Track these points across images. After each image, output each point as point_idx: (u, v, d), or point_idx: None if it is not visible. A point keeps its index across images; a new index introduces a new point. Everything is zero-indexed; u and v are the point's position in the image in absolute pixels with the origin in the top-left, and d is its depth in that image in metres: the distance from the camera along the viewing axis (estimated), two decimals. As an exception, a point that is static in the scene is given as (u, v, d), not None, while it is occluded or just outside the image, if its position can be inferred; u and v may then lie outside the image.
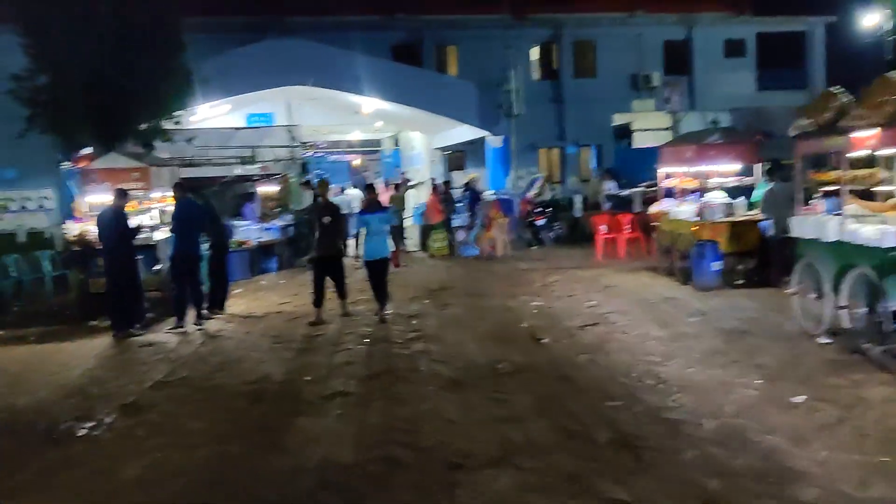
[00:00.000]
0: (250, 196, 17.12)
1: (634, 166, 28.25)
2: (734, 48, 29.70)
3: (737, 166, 12.37)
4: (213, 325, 10.78)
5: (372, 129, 29.25)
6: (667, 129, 30.17)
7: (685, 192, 13.42)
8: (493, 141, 21.83)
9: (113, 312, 10.23)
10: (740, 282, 11.55)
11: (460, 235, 17.85)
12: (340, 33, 24.52)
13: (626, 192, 23.06)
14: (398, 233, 18.97)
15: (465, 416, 6.36)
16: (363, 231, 10.71)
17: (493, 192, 20.62)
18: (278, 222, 17.05)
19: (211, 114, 23.31)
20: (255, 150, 18.33)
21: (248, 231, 15.89)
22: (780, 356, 7.54)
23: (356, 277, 12.31)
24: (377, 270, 10.78)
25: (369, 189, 11.79)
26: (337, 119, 26.95)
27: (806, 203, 8.94)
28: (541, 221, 18.82)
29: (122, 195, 10.42)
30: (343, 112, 26.41)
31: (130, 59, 16.05)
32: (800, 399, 6.22)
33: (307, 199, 18.27)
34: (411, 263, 17.02)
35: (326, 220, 10.71)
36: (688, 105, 24.08)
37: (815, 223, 8.21)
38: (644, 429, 5.81)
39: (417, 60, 26.29)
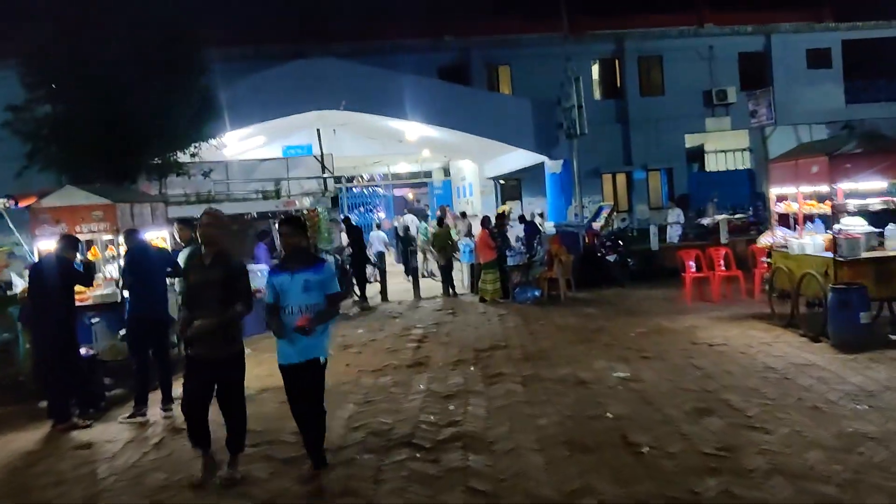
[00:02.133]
0: (264, 235, 14.46)
1: (709, 192, 25.02)
2: (818, 58, 26.22)
3: (882, 183, 9.08)
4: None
5: (418, 159, 26.60)
6: (745, 149, 26.86)
7: (805, 220, 10.15)
8: (553, 166, 18.84)
9: (50, 394, 7.53)
10: (899, 338, 8.27)
11: (516, 277, 14.81)
12: (385, 57, 22.03)
13: (707, 221, 19.76)
14: (446, 274, 16.10)
15: None
16: (278, 305, 5.66)
17: (553, 224, 17.58)
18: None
19: (243, 147, 21.02)
20: (280, 182, 15.74)
21: (262, 276, 13.17)
22: None
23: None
24: (301, 384, 5.69)
25: (288, 224, 5.95)
26: (380, 149, 24.39)
27: None
28: (612, 257, 15.63)
29: (70, 244, 7.76)
30: (386, 140, 23.85)
31: (141, 84, 13.97)
32: None
33: (339, 237, 15.57)
34: (459, 310, 14.05)
35: (212, 277, 5.56)
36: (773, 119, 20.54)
37: None
38: None
39: (466, 82, 23.57)
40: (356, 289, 15.30)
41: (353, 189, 32.67)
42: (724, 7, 26.88)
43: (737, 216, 19.60)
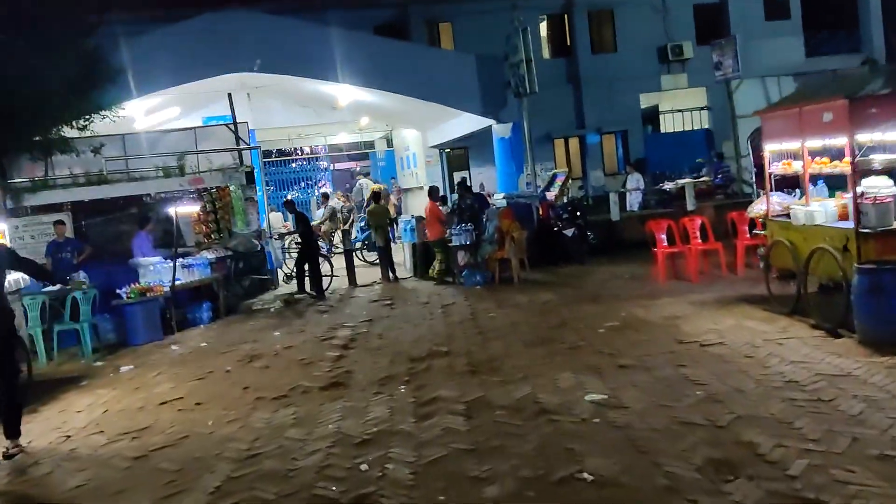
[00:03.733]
0: (145, 222, 11.84)
1: (667, 155, 23.11)
2: (775, 9, 24.27)
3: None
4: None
5: (358, 128, 24.10)
6: (703, 108, 24.96)
7: (806, 181, 8.12)
8: (501, 130, 16.61)
9: None
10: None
11: (461, 257, 12.64)
12: (314, 14, 19.38)
13: (669, 186, 17.80)
14: (385, 255, 13.87)
15: None
16: None
17: (503, 195, 15.40)
18: (209, 254, 11.89)
19: (155, 121, 18.31)
20: (185, 157, 13.20)
21: (155, 271, 10.75)
22: None
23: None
24: None
25: None
26: (314, 117, 21.81)
27: None
28: (569, 231, 13.54)
29: None
30: (320, 108, 21.29)
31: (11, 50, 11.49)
32: None
33: (255, 220, 13.17)
34: (398, 300, 11.84)
35: None
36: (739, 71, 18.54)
37: None
38: None
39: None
40: (306, 284, 12.81)
41: (292, 164, 30.10)
42: (678, -44, 24.75)
43: (701, 179, 17.70)
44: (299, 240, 13.15)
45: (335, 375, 7.46)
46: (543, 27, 23.37)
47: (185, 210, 11.70)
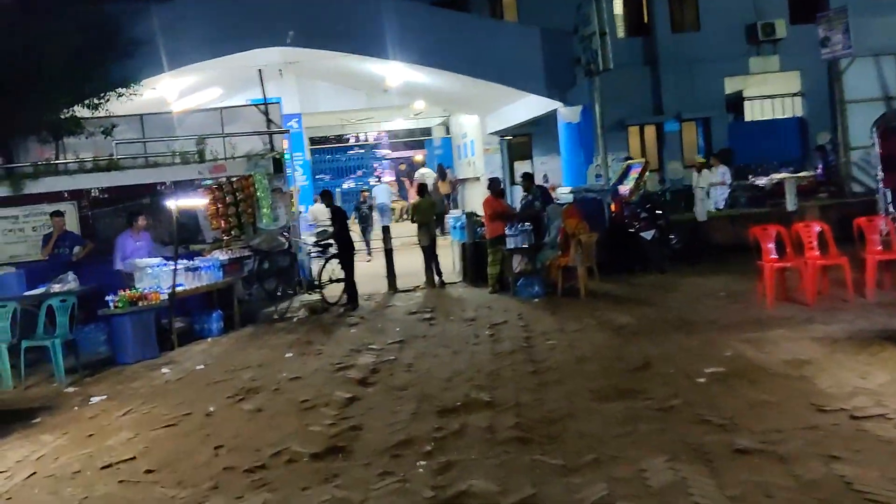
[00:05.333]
0: (133, 217, 9.89)
1: (752, 146, 20.37)
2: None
3: None
4: None
5: (413, 114, 22.13)
6: (796, 94, 22.00)
7: None
8: (568, 114, 14.32)
9: None
10: None
11: (517, 262, 10.51)
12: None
13: (763, 181, 15.25)
14: (430, 256, 11.90)
15: None
16: None
17: (569, 189, 13.17)
18: (221, 255, 10.05)
19: (193, 103, 16.74)
20: (205, 141, 11.42)
21: (153, 275, 8.95)
22: None
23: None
24: None
25: None
26: (365, 101, 19.94)
27: None
28: (648, 233, 11.24)
29: None
30: (371, 91, 19.42)
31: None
32: None
33: (283, 214, 11.31)
34: (440, 313, 9.82)
35: None
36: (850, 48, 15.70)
37: None
38: None
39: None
40: (340, 292, 10.87)
41: (348, 152, 28.40)
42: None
43: (802, 174, 15.06)
44: (318, 241, 11.16)
45: (337, 434, 5.46)
46: (618, 3, 20.83)
47: (189, 203, 9.89)
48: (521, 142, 20.67)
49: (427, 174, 21.09)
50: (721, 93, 21.08)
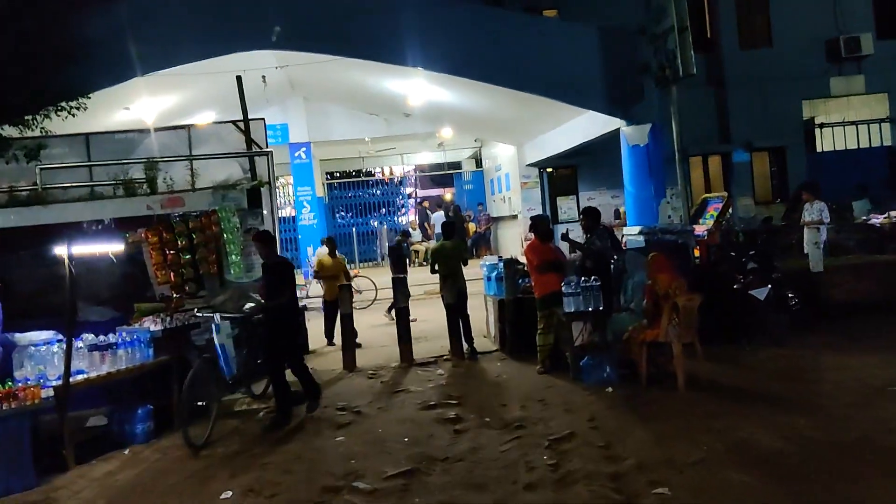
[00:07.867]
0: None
1: (829, 179, 16.93)
2: None
3: None
4: None
5: (438, 143, 19.09)
6: (883, 120, 18.58)
7: None
8: (634, 134, 11.07)
9: None
10: None
11: (578, 331, 7.17)
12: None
13: (878, 220, 11.84)
14: (457, 317, 8.67)
15: None
16: None
17: (639, 230, 9.84)
18: (151, 324, 6.88)
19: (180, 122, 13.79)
20: (157, 167, 8.34)
21: (40, 357, 5.78)
22: None
23: None
24: None
25: None
26: (383, 128, 16.96)
27: None
28: (761, 291, 7.84)
29: None
30: (391, 116, 16.45)
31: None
32: None
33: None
34: (469, 405, 6.53)
35: None
36: None
37: None
38: None
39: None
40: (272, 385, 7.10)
41: (372, 188, 25.35)
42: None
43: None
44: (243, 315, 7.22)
45: None
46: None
47: (89, 250, 6.78)
48: (564, 174, 17.48)
49: (437, 218, 18.09)
50: (798, 118, 17.83)
